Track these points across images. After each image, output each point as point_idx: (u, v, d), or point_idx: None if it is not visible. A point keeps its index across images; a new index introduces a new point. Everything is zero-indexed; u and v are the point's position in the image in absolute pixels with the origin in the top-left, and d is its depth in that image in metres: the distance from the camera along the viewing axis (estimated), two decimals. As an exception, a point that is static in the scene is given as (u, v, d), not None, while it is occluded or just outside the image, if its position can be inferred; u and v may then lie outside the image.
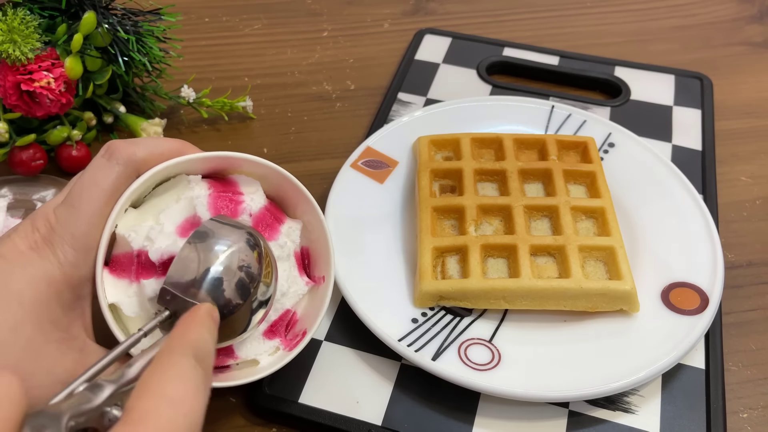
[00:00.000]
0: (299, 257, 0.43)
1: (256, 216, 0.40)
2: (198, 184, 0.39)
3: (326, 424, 0.42)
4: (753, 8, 0.75)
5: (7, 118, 0.54)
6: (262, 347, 0.41)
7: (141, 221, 0.38)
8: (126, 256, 0.38)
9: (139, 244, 0.37)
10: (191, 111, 0.63)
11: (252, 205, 0.40)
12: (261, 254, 0.37)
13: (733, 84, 0.66)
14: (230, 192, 0.40)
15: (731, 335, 0.47)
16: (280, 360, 0.40)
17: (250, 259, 0.36)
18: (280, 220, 0.42)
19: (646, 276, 0.47)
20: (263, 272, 0.36)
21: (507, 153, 0.52)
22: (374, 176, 0.53)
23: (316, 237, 0.43)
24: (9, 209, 0.53)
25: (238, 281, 0.35)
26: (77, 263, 0.36)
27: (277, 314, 0.41)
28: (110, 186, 0.37)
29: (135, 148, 0.38)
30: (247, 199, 0.40)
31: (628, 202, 0.51)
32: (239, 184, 0.41)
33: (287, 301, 0.41)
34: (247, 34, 0.71)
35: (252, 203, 0.40)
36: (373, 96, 0.64)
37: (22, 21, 0.51)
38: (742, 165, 0.58)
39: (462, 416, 0.42)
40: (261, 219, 0.40)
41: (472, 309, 0.46)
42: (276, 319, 0.41)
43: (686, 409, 0.42)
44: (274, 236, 0.41)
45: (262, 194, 0.41)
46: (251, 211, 0.40)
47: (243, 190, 0.41)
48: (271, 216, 0.41)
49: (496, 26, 0.72)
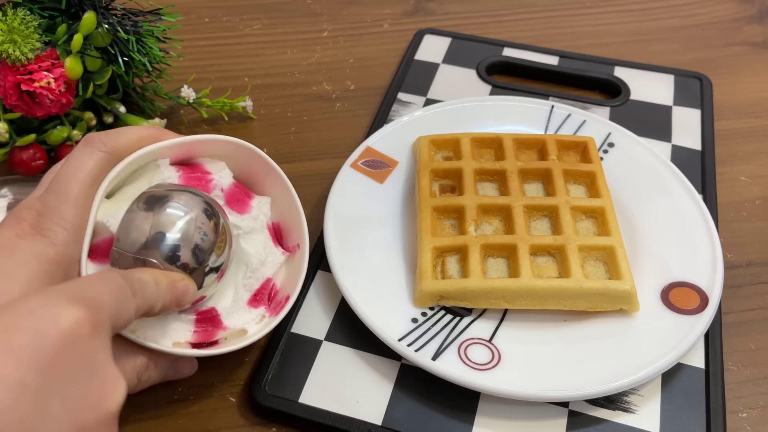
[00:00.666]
0: (272, 231, 0.45)
1: (227, 192, 0.42)
2: (167, 168, 0.41)
3: (326, 424, 0.42)
4: (753, 8, 0.75)
5: (8, 118, 0.54)
6: (248, 316, 0.43)
7: (117, 209, 0.39)
8: (105, 242, 0.39)
9: (117, 227, 0.38)
10: (191, 111, 0.63)
11: (222, 182, 0.42)
12: (217, 224, 0.39)
13: (733, 84, 0.66)
14: (198, 172, 0.42)
15: (731, 335, 0.47)
16: (266, 326, 0.42)
17: (204, 224, 0.38)
18: (249, 195, 0.44)
19: (645, 276, 0.47)
20: (217, 241, 0.39)
21: (507, 153, 0.52)
22: (374, 176, 0.53)
23: (287, 209, 0.45)
24: (9, 209, 0.53)
25: (192, 246, 0.38)
26: (68, 243, 0.36)
27: (258, 283, 0.43)
28: (94, 169, 0.38)
29: (114, 135, 0.39)
30: (216, 177, 0.42)
31: (627, 202, 0.51)
32: (205, 165, 0.43)
33: (267, 270, 0.44)
34: (247, 34, 0.71)
35: (221, 180, 0.42)
36: (373, 96, 0.64)
37: (22, 21, 0.51)
38: (741, 165, 0.58)
39: (462, 416, 0.42)
40: (231, 195, 0.43)
41: (472, 309, 0.46)
42: (258, 288, 0.43)
43: (686, 409, 0.42)
44: (245, 210, 0.43)
45: (229, 172, 0.43)
46: (222, 186, 0.42)
47: (210, 170, 0.43)
48: (240, 192, 0.43)
49: (496, 26, 0.72)
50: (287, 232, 0.46)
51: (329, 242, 0.47)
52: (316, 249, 0.51)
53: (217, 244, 0.39)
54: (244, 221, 0.43)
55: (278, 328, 0.46)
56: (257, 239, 0.43)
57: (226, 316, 0.42)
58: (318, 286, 0.48)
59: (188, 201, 0.38)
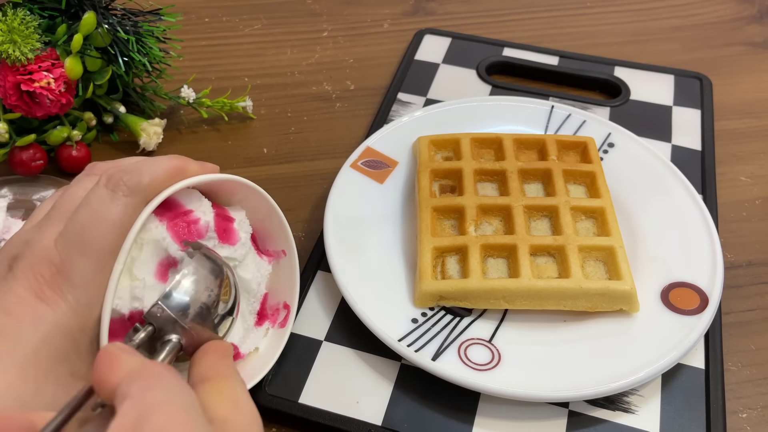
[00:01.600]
0: (253, 242, 0.44)
1: (216, 229, 0.40)
2: (152, 221, 0.37)
3: (326, 424, 0.42)
4: (753, 8, 0.75)
5: (7, 118, 0.54)
6: (257, 335, 0.43)
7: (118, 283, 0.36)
8: (118, 322, 0.36)
9: (128, 307, 0.36)
10: (191, 111, 0.63)
11: (208, 220, 0.39)
12: (223, 276, 0.38)
13: (733, 84, 0.66)
14: (181, 215, 0.38)
15: (731, 335, 0.47)
16: (279, 339, 0.43)
17: (218, 287, 0.37)
18: (230, 219, 0.41)
19: (645, 276, 0.47)
20: (227, 301, 0.38)
21: (507, 153, 0.52)
22: (374, 176, 0.53)
23: (264, 215, 0.43)
24: (9, 209, 0.53)
25: (208, 310, 0.36)
26: (90, 305, 0.33)
27: (259, 303, 0.43)
28: (119, 221, 0.34)
29: (137, 174, 0.35)
30: (200, 215, 0.39)
31: (627, 202, 0.51)
32: (182, 201, 0.39)
33: (262, 286, 0.43)
34: (247, 34, 0.71)
35: (206, 217, 0.39)
36: (373, 96, 0.64)
37: (22, 21, 0.51)
38: (741, 165, 0.58)
39: (462, 416, 0.42)
40: (219, 229, 0.40)
41: (472, 309, 0.46)
42: (259, 308, 0.43)
43: (686, 409, 0.42)
44: (234, 239, 0.41)
45: (207, 203, 0.40)
46: (210, 226, 0.39)
47: (191, 207, 0.39)
48: (222, 219, 0.40)
49: (496, 26, 0.72)
50: (265, 236, 0.44)
51: (329, 242, 0.47)
52: (316, 249, 0.51)
53: (227, 294, 0.38)
54: (237, 251, 0.40)
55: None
56: (249, 261, 0.42)
57: (241, 345, 0.42)
58: (318, 287, 0.48)
59: (198, 267, 0.37)
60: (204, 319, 0.36)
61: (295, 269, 0.43)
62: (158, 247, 0.37)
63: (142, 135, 0.58)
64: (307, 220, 0.54)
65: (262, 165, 0.58)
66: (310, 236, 0.53)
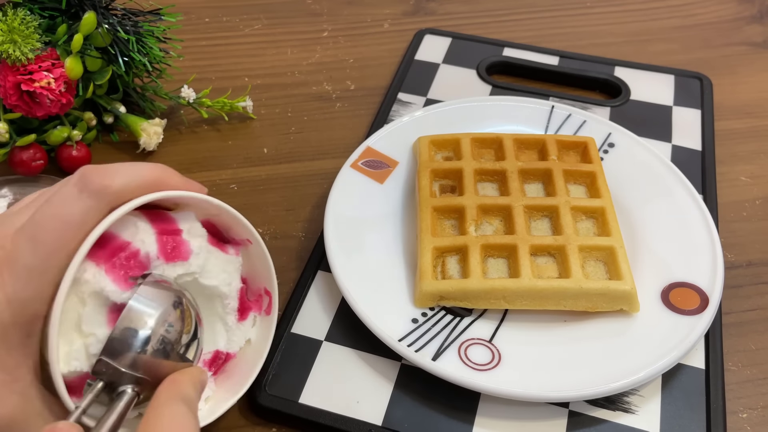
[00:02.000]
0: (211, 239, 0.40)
1: (161, 252, 0.37)
2: (88, 268, 0.34)
3: (326, 424, 0.42)
4: (753, 8, 0.75)
5: (8, 118, 0.54)
6: (245, 328, 0.42)
7: (69, 344, 0.34)
8: (80, 379, 0.35)
9: (87, 365, 0.34)
10: (191, 111, 0.63)
11: (149, 250, 0.36)
12: (184, 311, 0.36)
13: (733, 84, 0.66)
14: (118, 251, 0.35)
15: (731, 335, 0.47)
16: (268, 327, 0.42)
17: (175, 320, 0.35)
18: (177, 231, 0.38)
19: (646, 276, 0.47)
20: (186, 328, 0.36)
21: (507, 153, 0.52)
22: (374, 176, 0.53)
23: (216, 213, 0.40)
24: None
25: (163, 345, 0.35)
26: (28, 300, 0.32)
27: (236, 300, 0.41)
28: (77, 221, 0.33)
29: (110, 178, 0.34)
30: (139, 245, 0.36)
31: (628, 202, 0.51)
32: (118, 232, 0.36)
33: (235, 282, 0.41)
34: (247, 34, 0.71)
35: (145, 246, 0.36)
36: (373, 96, 0.64)
37: (22, 21, 0.51)
38: (741, 165, 0.58)
39: (462, 416, 0.42)
40: (165, 249, 0.37)
41: (472, 309, 0.46)
42: (239, 302, 0.41)
43: (686, 409, 0.42)
44: (185, 253, 0.38)
45: (145, 227, 0.36)
46: (152, 255, 0.36)
47: (128, 238, 0.36)
48: (168, 236, 0.37)
49: (496, 26, 0.72)
50: (226, 226, 0.41)
51: (329, 242, 0.47)
52: (317, 249, 0.51)
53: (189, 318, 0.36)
54: (192, 264, 0.38)
55: (278, 329, 0.46)
56: (211, 267, 0.39)
57: (229, 346, 0.41)
58: (318, 287, 0.48)
59: (144, 304, 0.35)
60: (162, 354, 0.34)
61: (266, 257, 0.41)
62: (101, 297, 0.34)
63: (142, 135, 0.58)
64: (307, 220, 0.54)
65: (262, 165, 0.58)
66: (310, 236, 0.53)
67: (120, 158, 0.59)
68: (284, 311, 0.47)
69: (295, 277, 0.50)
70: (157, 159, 0.59)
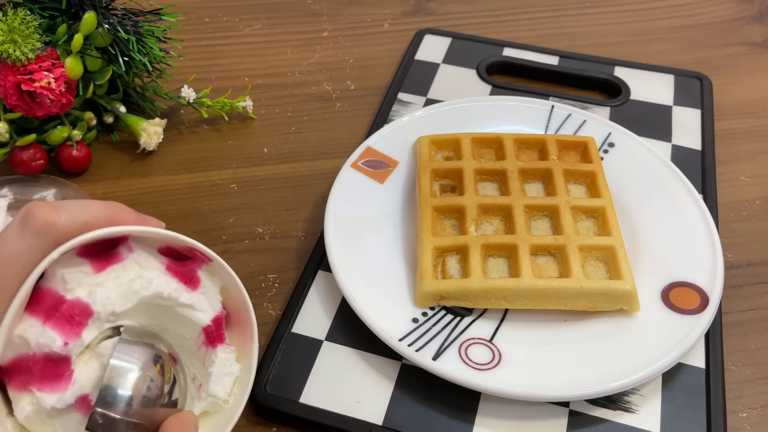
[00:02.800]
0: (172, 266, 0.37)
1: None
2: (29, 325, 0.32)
3: (327, 424, 0.42)
4: (753, 8, 0.75)
5: (8, 118, 0.54)
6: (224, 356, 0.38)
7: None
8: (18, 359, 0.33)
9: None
10: (191, 111, 0.63)
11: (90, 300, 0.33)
12: (163, 366, 0.35)
13: (733, 84, 0.66)
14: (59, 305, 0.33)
15: (731, 335, 0.47)
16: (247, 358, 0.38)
17: (155, 374, 0.34)
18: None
19: (646, 275, 0.47)
20: (167, 378, 0.35)
21: (507, 153, 0.52)
22: (374, 176, 0.53)
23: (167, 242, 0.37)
24: (9, 209, 0.53)
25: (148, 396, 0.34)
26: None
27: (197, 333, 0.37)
28: (14, 261, 0.31)
29: (56, 215, 0.32)
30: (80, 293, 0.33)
31: (628, 201, 0.51)
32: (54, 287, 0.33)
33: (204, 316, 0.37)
34: (247, 34, 0.71)
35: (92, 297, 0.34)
36: (373, 96, 0.65)
37: (22, 21, 0.51)
38: (741, 165, 0.58)
39: (463, 416, 0.42)
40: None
41: (473, 309, 0.46)
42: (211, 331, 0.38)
43: (686, 409, 0.42)
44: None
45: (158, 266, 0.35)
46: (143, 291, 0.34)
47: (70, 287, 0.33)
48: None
49: (496, 26, 0.72)
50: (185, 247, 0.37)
51: (330, 242, 0.47)
52: (317, 249, 0.51)
53: (168, 369, 0.35)
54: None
55: (278, 329, 0.46)
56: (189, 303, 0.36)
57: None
58: (318, 286, 0.48)
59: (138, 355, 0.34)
60: (150, 404, 0.34)
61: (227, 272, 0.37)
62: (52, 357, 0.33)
63: (142, 135, 0.58)
64: (307, 220, 0.54)
65: (262, 165, 0.58)
66: (310, 236, 0.53)
67: (120, 158, 0.59)
68: (284, 311, 0.47)
69: (296, 277, 0.50)
70: (157, 159, 0.59)
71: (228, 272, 0.37)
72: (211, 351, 0.37)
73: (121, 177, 0.58)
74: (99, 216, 0.33)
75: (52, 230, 0.31)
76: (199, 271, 0.37)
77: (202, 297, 0.37)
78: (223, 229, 0.54)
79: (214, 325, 0.37)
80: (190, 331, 0.37)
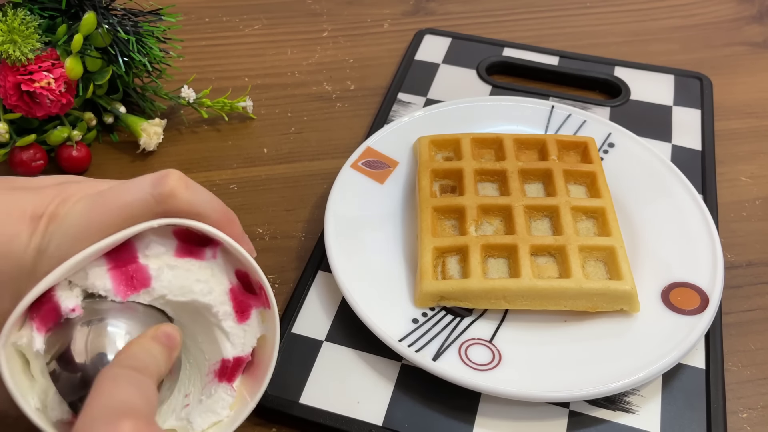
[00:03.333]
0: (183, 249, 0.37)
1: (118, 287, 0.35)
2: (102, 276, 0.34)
3: (327, 425, 0.42)
4: (753, 8, 0.75)
5: (8, 118, 0.54)
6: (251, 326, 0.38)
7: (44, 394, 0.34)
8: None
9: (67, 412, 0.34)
10: (191, 111, 0.63)
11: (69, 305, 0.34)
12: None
13: (733, 84, 0.66)
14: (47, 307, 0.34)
15: (731, 335, 0.47)
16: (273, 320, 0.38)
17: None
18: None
19: (646, 276, 0.47)
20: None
21: (507, 153, 0.52)
22: (374, 176, 0.53)
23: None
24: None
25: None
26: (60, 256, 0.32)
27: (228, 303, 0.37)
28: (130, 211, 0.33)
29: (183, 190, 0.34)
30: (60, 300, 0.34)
31: (628, 202, 0.51)
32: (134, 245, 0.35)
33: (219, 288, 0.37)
34: (247, 34, 0.71)
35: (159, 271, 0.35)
36: (373, 96, 0.64)
37: (22, 21, 0.51)
38: (742, 165, 0.58)
39: (463, 416, 0.42)
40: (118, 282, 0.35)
41: (473, 309, 0.46)
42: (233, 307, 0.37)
43: (686, 409, 0.42)
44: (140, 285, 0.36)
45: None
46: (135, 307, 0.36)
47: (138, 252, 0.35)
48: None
49: (496, 26, 0.72)
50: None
51: (330, 242, 0.47)
52: (317, 249, 0.51)
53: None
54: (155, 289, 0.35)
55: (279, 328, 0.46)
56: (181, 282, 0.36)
57: (235, 350, 0.38)
58: (318, 287, 0.48)
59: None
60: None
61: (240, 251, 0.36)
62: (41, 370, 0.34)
63: (142, 135, 0.58)
64: (307, 220, 0.54)
65: (262, 165, 0.58)
66: (310, 236, 0.53)
67: (120, 158, 0.59)
68: (284, 311, 0.47)
69: (295, 277, 0.50)
70: (157, 159, 0.59)
71: (275, 326, 0.38)
72: (216, 384, 0.38)
73: (121, 177, 0.57)
74: (213, 213, 0.35)
75: (171, 201, 0.34)
76: (254, 310, 0.39)
77: (241, 333, 0.38)
78: (223, 229, 0.53)
79: (234, 362, 0.38)
80: (212, 354, 0.38)
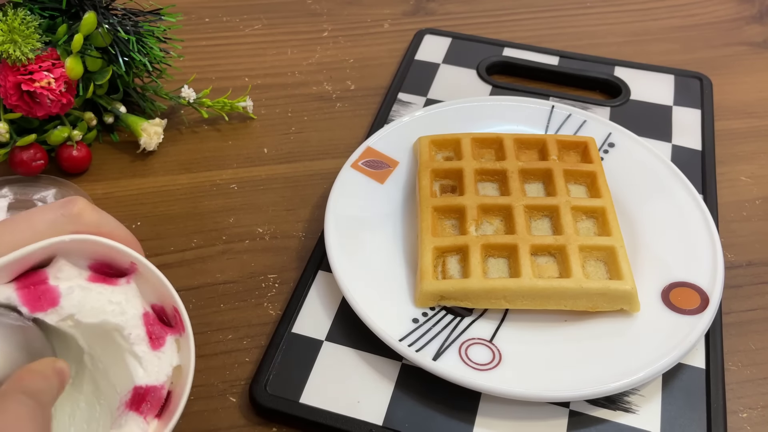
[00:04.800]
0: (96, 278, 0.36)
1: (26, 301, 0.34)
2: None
3: (327, 424, 0.42)
4: (753, 8, 0.75)
5: (8, 118, 0.54)
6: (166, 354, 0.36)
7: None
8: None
9: None
10: (192, 111, 0.63)
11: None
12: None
13: (733, 84, 0.66)
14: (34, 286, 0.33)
15: (731, 335, 0.47)
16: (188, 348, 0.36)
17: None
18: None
19: (646, 276, 0.47)
20: None
21: (507, 153, 0.52)
22: (375, 176, 0.53)
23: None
24: (9, 209, 0.53)
25: None
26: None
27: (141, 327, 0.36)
28: (40, 226, 0.33)
29: (90, 210, 0.34)
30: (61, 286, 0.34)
31: (628, 202, 0.51)
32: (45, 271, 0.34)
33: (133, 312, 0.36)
34: (247, 34, 0.71)
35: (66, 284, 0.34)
36: (373, 96, 0.65)
37: (22, 21, 0.51)
38: (742, 165, 0.58)
39: (463, 416, 0.42)
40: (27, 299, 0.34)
41: (473, 309, 0.46)
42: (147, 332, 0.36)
43: (687, 409, 0.42)
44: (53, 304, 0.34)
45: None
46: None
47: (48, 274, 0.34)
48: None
49: (496, 26, 0.72)
50: (108, 259, 0.36)
51: (330, 242, 0.47)
52: (317, 249, 0.51)
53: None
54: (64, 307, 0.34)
55: (278, 329, 0.46)
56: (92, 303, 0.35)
57: (149, 378, 0.36)
58: (318, 287, 0.48)
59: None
60: None
61: (155, 273, 0.36)
62: None
63: (142, 135, 0.58)
64: (307, 220, 0.54)
65: (262, 165, 0.58)
66: (310, 236, 0.53)
67: (120, 158, 0.59)
68: (285, 311, 0.47)
69: (296, 277, 0.50)
70: (157, 159, 0.59)
71: (190, 354, 0.36)
72: (126, 414, 0.36)
73: (122, 177, 0.58)
74: (121, 235, 0.35)
75: (80, 220, 0.34)
76: (169, 337, 0.37)
77: (155, 360, 0.36)
78: (224, 229, 0.54)
79: (146, 390, 0.36)
80: (124, 385, 0.36)
